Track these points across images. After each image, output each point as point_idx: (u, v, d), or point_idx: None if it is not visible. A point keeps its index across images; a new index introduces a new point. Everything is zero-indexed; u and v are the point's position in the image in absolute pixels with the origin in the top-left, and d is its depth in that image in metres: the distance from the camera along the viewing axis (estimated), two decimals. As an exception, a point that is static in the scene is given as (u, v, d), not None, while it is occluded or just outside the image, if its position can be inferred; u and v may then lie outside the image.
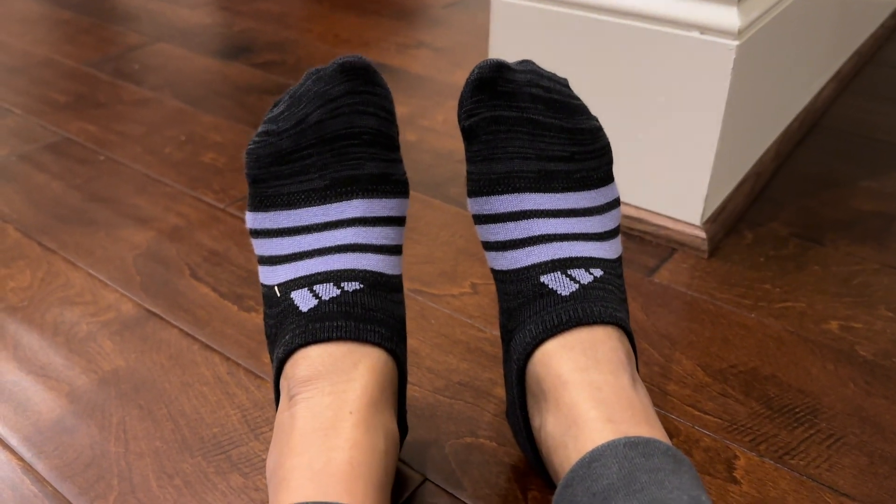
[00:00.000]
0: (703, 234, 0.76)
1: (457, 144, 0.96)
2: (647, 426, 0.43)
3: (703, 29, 0.68)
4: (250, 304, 0.69)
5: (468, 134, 0.51)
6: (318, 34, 1.33)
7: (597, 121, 0.53)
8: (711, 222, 0.77)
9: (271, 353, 0.49)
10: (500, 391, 0.60)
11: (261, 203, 0.50)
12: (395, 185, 0.50)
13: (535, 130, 0.50)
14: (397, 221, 0.51)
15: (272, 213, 0.49)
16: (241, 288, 0.71)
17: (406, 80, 1.16)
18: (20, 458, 0.55)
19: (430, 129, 1.00)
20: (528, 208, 0.50)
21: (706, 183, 0.74)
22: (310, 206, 0.49)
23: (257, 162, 0.49)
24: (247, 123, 1.02)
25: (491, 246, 0.51)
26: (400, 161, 0.51)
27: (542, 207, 0.50)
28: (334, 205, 0.49)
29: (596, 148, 0.52)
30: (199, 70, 1.19)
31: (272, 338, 0.49)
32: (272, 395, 0.60)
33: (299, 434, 0.43)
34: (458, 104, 0.51)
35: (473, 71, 0.50)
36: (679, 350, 0.64)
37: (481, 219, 0.51)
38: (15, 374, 0.62)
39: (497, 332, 0.66)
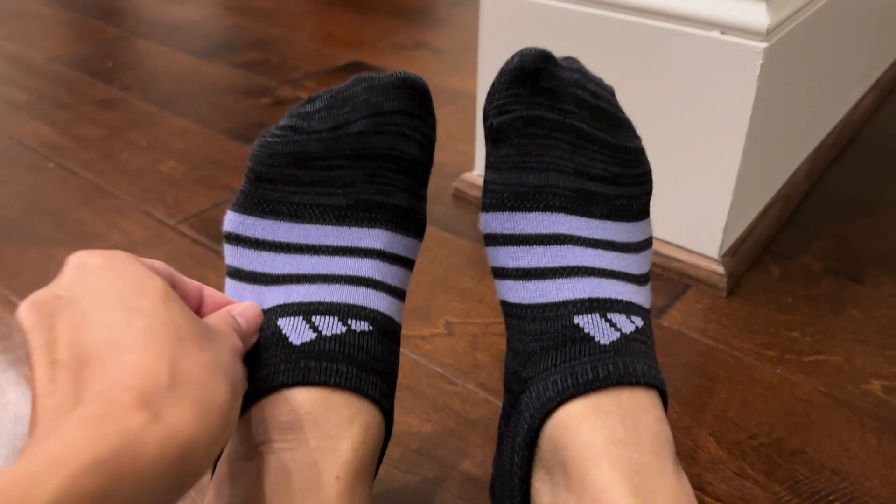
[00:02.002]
0: (721, 269, 0.65)
1: (447, 156, 0.85)
2: None
3: (725, 28, 0.57)
4: (185, 342, 0.60)
5: (496, 134, 0.41)
6: (308, 32, 1.23)
7: (641, 141, 0.44)
8: (731, 255, 0.66)
9: None
10: (468, 464, 0.50)
11: (257, 206, 0.41)
12: (418, 225, 0.43)
13: (576, 141, 0.41)
14: (410, 265, 0.43)
15: (269, 221, 0.41)
16: (178, 322, 0.62)
17: (398, 82, 1.06)
18: None
19: (419, 138, 0.90)
20: (562, 232, 0.40)
21: (726, 209, 0.63)
22: (323, 224, 0.41)
23: (271, 158, 0.40)
24: (215, 128, 0.92)
25: (508, 273, 0.41)
26: (425, 200, 0.44)
27: (578, 234, 0.41)
28: (353, 229, 0.41)
29: (639, 173, 0.43)
30: (175, 69, 1.10)
31: None
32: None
33: (270, 491, 0.34)
34: (488, 97, 0.41)
35: (513, 58, 0.40)
36: (689, 414, 0.54)
37: (499, 239, 0.42)
38: None
39: (470, 386, 0.56)
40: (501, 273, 0.42)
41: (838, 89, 0.84)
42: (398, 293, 0.42)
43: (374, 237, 0.41)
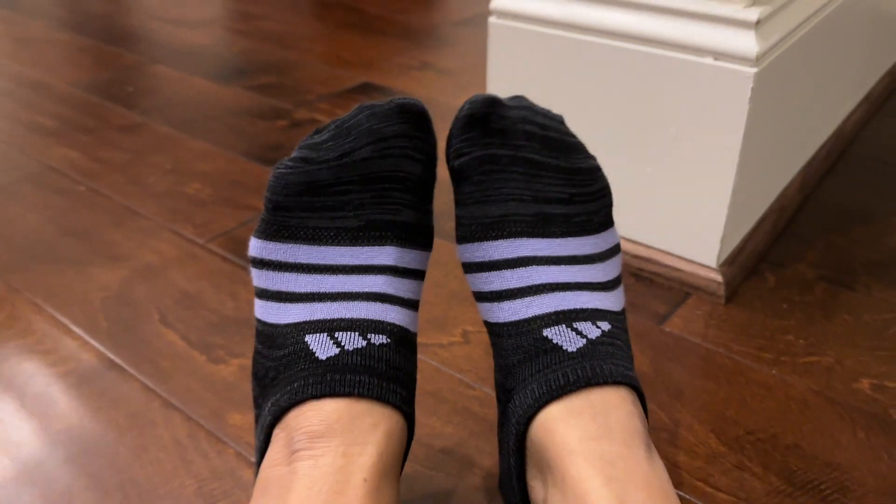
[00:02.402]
0: (719, 278, 0.69)
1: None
2: None
3: (718, 55, 0.61)
4: (220, 354, 0.64)
5: (458, 175, 0.47)
6: (318, 54, 1.28)
7: (595, 160, 0.48)
8: (729, 264, 0.70)
9: (259, 395, 0.44)
10: (488, 461, 0.54)
11: (277, 232, 0.45)
12: (426, 238, 0.47)
13: (530, 170, 0.46)
14: (422, 276, 0.47)
15: (290, 245, 0.45)
16: (212, 336, 0.66)
17: (408, 103, 1.10)
18: (-50, 535, 0.50)
19: (429, 157, 0.94)
20: (526, 255, 0.45)
21: (722, 221, 0.67)
22: (338, 246, 0.45)
23: (286, 188, 0.44)
24: (235, 150, 0.96)
25: (485, 296, 0.46)
26: (432, 213, 0.48)
27: (541, 254, 0.45)
28: (366, 248, 0.45)
29: (595, 189, 0.48)
30: (192, 93, 1.14)
31: (267, 380, 0.44)
32: (233, 464, 0.54)
33: (303, 494, 0.37)
34: (447, 143, 0.47)
35: (463, 107, 0.46)
36: (691, 413, 0.58)
37: (473, 267, 0.47)
38: (-43, 434, 0.57)
39: (488, 390, 0.60)
40: (479, 297, 0.46)
41: (829, 103, 0.88)
42: (411, 304, 0.46)
43: (386, 254, 0.45)
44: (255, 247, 0.46)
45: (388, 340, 0.43)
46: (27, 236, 0.80)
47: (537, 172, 0.46)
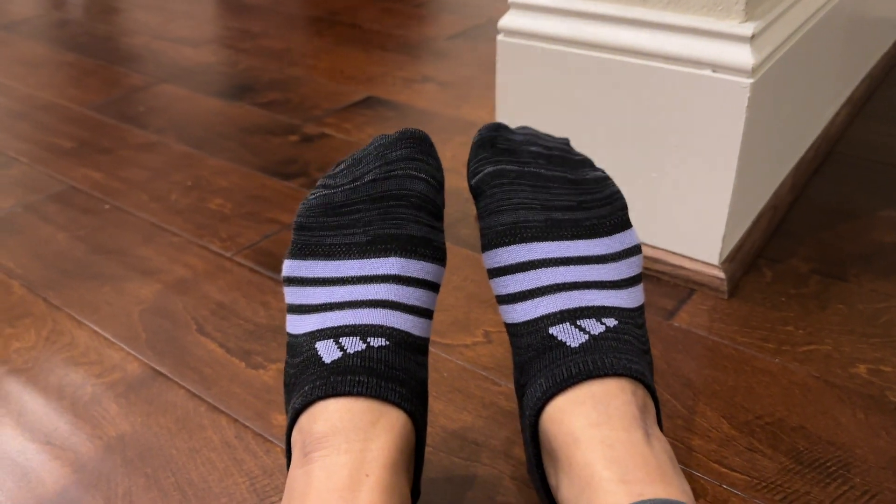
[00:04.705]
0: (721, 275, 0.74)
1: (466, 182, 0.94)
2: (662, 484, 0.41)
3: (717, 67, 0.66)
4: (258, 360, 0.68)
5: (476, 191, 0.53)
6: (322, 70, 1.32)
7: (603, 172, 0.54)
8: (730, 261, 0.75)
9: (287, 403, 0.48)
10: (519, 451, 0.58)
11: (300, 251, 0.50)
12: (434, 251, 0.51)
13: (538, 183, 0.51)
14: (431, 287, 0.51)
15: (310, 261, 0.50)
16: (249, 343, 0.70)
17: (412, 116, 1.14)
18: (24, 535, 0.53)
19: (438, 168, 0.99)
20: (536, 258, 0.49)
21: (723, 222, 0.72)
22: (349, 259, 0.49)
23: (308, 210, 0.51)
24: (252, 167, 1.00)
25: (503, 299, 0.51)
26: (442, 230, 0.52)
27: (550, 256, 0.49)
28: (372, 260, 0.49)
29: (605, 195, 0.52)
30: (203, 111, 1.18)
31: (290, 387, 0.48)
32: (281, 461, 0.58)
33: (315, 495, 0.41)
34: (466, 167, 0.53)
35: (475, 134, 0.53)
36: (703, 401, 0.62)
37: (493, 272, 0.51)
38: (19, 442, 0.61)
39: (512, 386, 0.64)
40: (499, 300, 0.51)
41: (816, 108, 0.94)
42: (418, 311, 0.49)
43: (390, 265, 0.49)
44: (286, 267, 0.51)
45: (388, 343, 0.47)
46: (60, 254, 0.84)
47: (544, 184, 0.51)
